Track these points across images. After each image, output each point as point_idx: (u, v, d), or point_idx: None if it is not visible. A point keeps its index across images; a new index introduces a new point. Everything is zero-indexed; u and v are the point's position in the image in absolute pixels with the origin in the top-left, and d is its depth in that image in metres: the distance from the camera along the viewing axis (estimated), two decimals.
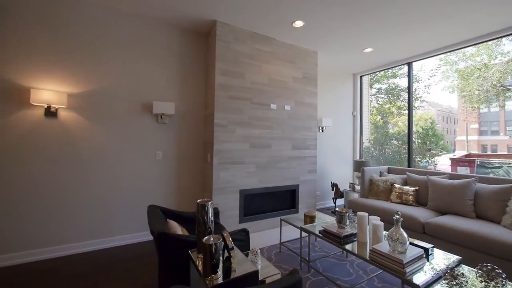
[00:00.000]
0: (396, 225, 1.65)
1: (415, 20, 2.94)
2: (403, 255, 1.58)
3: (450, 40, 3.44)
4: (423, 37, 3.37)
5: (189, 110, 3.27)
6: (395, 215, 1.67)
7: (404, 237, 1.60)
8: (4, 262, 2.27)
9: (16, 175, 2.35)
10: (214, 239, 1.33)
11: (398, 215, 1.67)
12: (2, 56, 2.31)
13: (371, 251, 1.71)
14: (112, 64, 2.80)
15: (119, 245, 2.77)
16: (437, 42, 3.52)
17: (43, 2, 2.46)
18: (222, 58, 3.03)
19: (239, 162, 3.14)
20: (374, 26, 3.10)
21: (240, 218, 3.13)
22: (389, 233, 1.66)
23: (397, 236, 1.60)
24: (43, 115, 2.46)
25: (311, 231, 2.23)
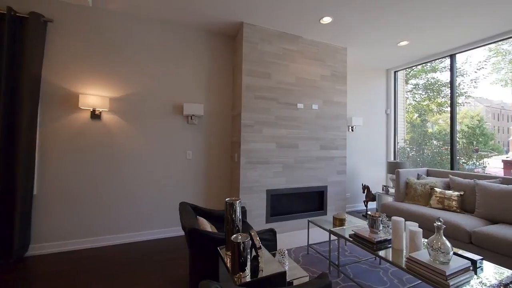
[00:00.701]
0: (437, 232, 1.51)
1: (459, 7, 2.66)
2: (446, 266, 1.44)
3: (502, 27, 3.06)
4: (470, 25, 3.04)
5: (217, 111, 3.37)
6: (436, 222, 1.53)
7: (447, 246, 1.46)
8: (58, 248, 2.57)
9: (68, 171, 2.64)
10: (242, 237, 1.35)
11: (440, 222, 1.52)
12: (56, 67, 2.61)
13: (408, 259, 1.59)
14: (147, 70, 3.00)
15: (154, 238, 2.95)
16: (486, 30, 3.15)
17: (86, 18, 2.73)
18: (249, 59, 3.07)
19: (266, 162, 3.14)
20: (411, 17, 2.88)
21: (267, 218, 3.13)
22: (429, 241, 1.52)
23: (439, 245, 1.47)
24: (89, 118, 2.73)
25: (340, 235, 2.15)
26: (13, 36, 2.37)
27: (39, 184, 2.53)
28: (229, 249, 1.49)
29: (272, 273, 1.31)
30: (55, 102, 2.60)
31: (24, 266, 2.27)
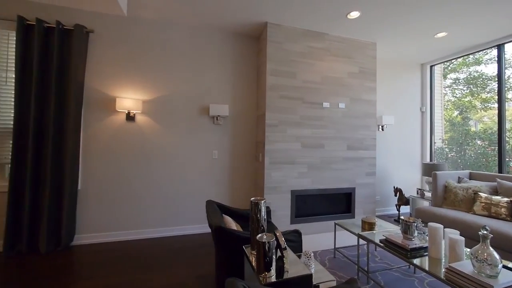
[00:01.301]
0: (483, 242, 1.37)
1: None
2: (494, 280, 1.30)
3: None
4: None
5: (242, 111, 3.41)
6: (481, 230, 1.39)
7: (495, 258, 1.31)
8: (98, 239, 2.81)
9: (107, 169, 2.87)
10: (267, 237, 1.35)
11: (486, 231, 1.38)
12: (96, 73, 2.85)
13: (448, 270, 1.46)
14: (176, 73, 3.14)
15: (182, 234, 3.08)
16: None
17: (122, 27, 2.94)
18: (273, 58, 3.06)
19: (291, 162, 3.11)
20: (450, 4, 2.64)
21: (292, 218, 3.09)
22: (472, 251, 1.39)
23: (485, 256, 1.33)
24: (125, 119, 2.94)
25: (370, 239, 2.04)
26: (61, 47, 2.64)
27: (83, 180, 2.79)
28: (254, 248, 1.50)
29: (297, 275, 1.29)
30: (96, 106, 2.85)
31: (70, 253, 2.51)
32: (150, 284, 2.01)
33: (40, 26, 2.54)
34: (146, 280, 2.07)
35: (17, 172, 2.48)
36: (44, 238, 2.50)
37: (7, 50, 2.62)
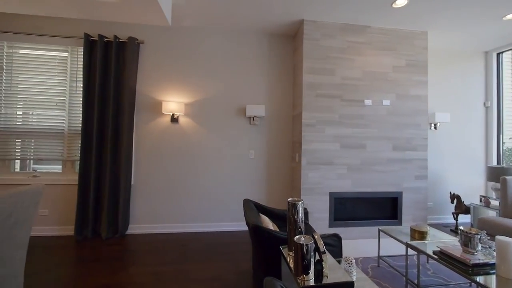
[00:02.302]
0: None
1: None
2: None
3: None
4: None
5: (278, 111, 3.41)
6: None
7: None
8: (148, 230, 3.10)
9: (155, 166, 3.15)
10: (305, 239, 1.32)
11: None
12: (146, 80, 3.15)
13: None
14: (214, 76, 3.28)
15: (221, 230, 3.21)
16: None
17: (167, 36, 3.19)
18: (309, 56, 2.99)
19: (329, 163, 2.99)
20: None
21: (330, 222, 2.97)
22: None
23: None
24: (169, 121, 3.18)
25: (421, 250, 1.84)
26: (117, 57, 2.99)
27: (135, 176, 3.10)
28: (292, 249, 1.48)
29: (338, 281, 1.23)
30: (145, 109, 3.15)
31: (125, 241, 2.83)
32: (191, 275, 2.15)
33: (102, 40, 2.91)
34: (187, 271, 2.21)
35: (84, 168, 2.89)
36: (105, 226, 2.86)
37: (76, 63, 3.07)
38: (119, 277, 2.09)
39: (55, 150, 3.00)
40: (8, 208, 1.23)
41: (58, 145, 3.01)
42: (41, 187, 1.45)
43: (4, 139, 2.92)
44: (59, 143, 3.01)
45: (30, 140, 2.98)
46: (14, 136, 2.94)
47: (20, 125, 2.97)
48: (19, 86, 2.97)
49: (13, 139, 2.94)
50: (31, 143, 2.98)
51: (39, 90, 2.99)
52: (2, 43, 2.93)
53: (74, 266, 2.26)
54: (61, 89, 3.02)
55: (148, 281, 2.04)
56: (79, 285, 1.96)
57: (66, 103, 3.02)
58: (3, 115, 2.93)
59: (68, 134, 3.02)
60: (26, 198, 1.33)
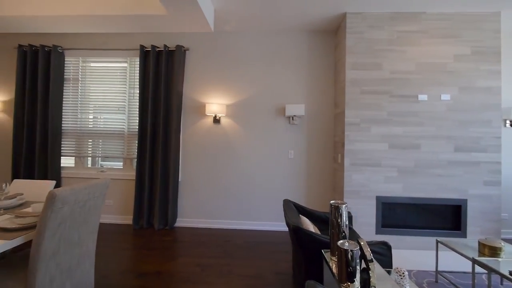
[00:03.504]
0: None
1: None
2: None
3: None
4: None
5: (318, 110, 3.30)
6: None
7: None
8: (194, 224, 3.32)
9: (200, 164, 3.36)
10: (349, 245, 1.25)
11: None
12: (191, 83, 3.38)
13: None
14: (254, 77, 3.34)
15: (261, 229, 3.26)
16: None
17: (209, 41, 3.36)
18: (353, 51, 2.81)
19: (376, 164, 2.77)
20: None
21: (377, 228, 2.75)
22: None
23: None
24: (212, 122, 3.36)
25: (494, 269, 1.57)
26: (167, 64, 3.27)
27: (182, 173, 3.36)
28: (335, 254, 1.42)
29: None
30: (191, 111, 3.38)
31: (173, 233, 3.08)
32: (233, 270, 2.22)
33: (154, 50, 3.23)
34: (229, 266, 2.30)
35: (140, 165, 3.24)
36: (157, 218, 3.16)
37: (134, 72, 3.46)
38: (168, 266, 2.29)
39: (117, 149, 3.44)
40: (84, 198, 1.45)
41: (120, 144, 3.44)
42: (108, 181, 1.68)
43: (80, 140, 3.47)
44: (120, 142, 3.44)
45: (98, 140, 3.47)
46: (87, 137, 3.47)
47: (91, 127, 3.49)
48: (91, 94, 3.48)
49: (86, 139, 3.47)
50: (99, 143, 3.47)
51: (105, 97, 3.46)
52: (78, 59, 3.48)
53: (131, 251, 2.56)
54: (122, 95, 3.44)
55: (194, 272, 2.19)
56: (136, 269, 2.21)
57: (126, 108, 3.44)
58: (79, 119, 3.48)
59: (128, 135, 3.43)
60: (96, 190, 1.56)
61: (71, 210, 1.37)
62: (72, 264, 1.46)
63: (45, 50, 3.31)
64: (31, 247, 1.24)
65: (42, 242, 1.24)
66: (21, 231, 1.34)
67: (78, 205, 1.42)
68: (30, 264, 1.24)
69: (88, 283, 1.61)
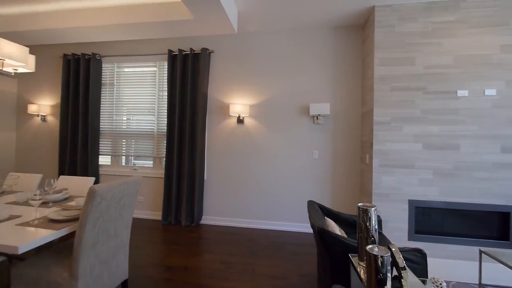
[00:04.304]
0: None
1: None
2: None
3: None
4: None
5: (344, 109, 3.18)
6: None
7: None
8: (219, 222, 3.41)
9: (224, 164, 3.44)
10: (379, 250, 1.19)
11: None
12: (215, 85, 3.46)
13: None
14: (278, 77, 3.33)
15: (284, 230, 3.24)
16: None
17: (233, 43, 3.42)
18: (382, 46, 2.67)
19: (408, 166, 2.59)
20: None
21: (410, 234, 2.58)
22: None
23: None
24: (236, 122, 3.41)
25: None
26: (193, 67, 3.39)
27: (208, 172, 3.46)
28: (363, 259, 1.36)
29: None
30: (215, 112, 3.46)
31: (199, 230, 3.19)
32: (257, 270, 2.24)
33: (181, 54, 3.36)
34: (253, 265, 2.31)
35: (169, 164, 3.40)
36: (184, 215, 3.29)
37: (162, 75, 3.64)
38: (194, 261, 2.37)
39: (148, 148, 3.65)
40: (119, 194, 1.56)
41: (150, 144, 3.64)
42: (140, 179, 1.79)
43: (115, 140, 3.74)
44: (150, 142, 3.64)
45: (131, 140, 3.71)
46: (121, 137, 3.73)
47: (125, 128, 3.74)
48: (124, 97, 3.74)
49: (120, 139, 3.73)
50: (131, 143, 3.71)
51: (136, 99, 3.69)
52: (113, 65, 3.75)
53: (161, 245, 2.70)
54: (151, 98, 3.64)
55: (219, 269, 2.24)
56: (165, 262, 2.33)
57: (155, 109, 3.63)
58: (114, 121, 3.75)
59: (157, 135, 3.62)
60: (130, 187, 1.67)
61: (108, 205, 1.49)
62: (109, 255, 1.58)
63: (86, 58, 3.63)
64: (75, 238, 1.37)
65: (83, 233, 1.36)
66: (66, 223, 1.48)
67: (114, 201, 1.53)
68: (74, 253, 1.36)
69: (122, 273, 1.73)
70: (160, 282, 2.02)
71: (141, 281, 2.02)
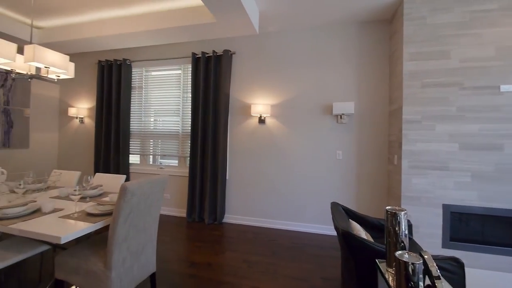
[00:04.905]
0: None
1: None
2: None
3: None
4: None
5: (370, 107, 3.04)
6: None
7: None
8: (241, 221, 3.45)
9: (246, 163, 3.47)
10: (410, 257, 1.12)
11: None
12: (237, 85, 3.51)
13: None
14: (299, 76, 3.28)
15: (305, 231, 3.19)
16: None
17: (254, 43, 3.43)
18: (412, 40, 2.51)
19: (442, 167, 2.41)
20: None
21: (444, 241, 2.39)
22: None
23: None
24: (257, 122, 3.43)
25: None
26: (215, 69, 3.47)
27: (230, 171, 3.52)
28: (392, 266, 1.29)
29: None
30: (237, 112, 3.51)
31: (222, 228, 3.25)
32: (279, 270, 2.23)
33: (204, 56, 3.46)
34: (274, 265, 2.31)
35: (193, 163, 3.52)
36: (207, 213, 3.38)
37: (187, 78, 3.77)
38: (217, 258, 2.43)
39: (173, 148, 3.81)
40: (148, 191, 1.65)
41: (175, 144, 3.80)
42: (166, 177, 1.87)
43: (144, 140, 3.96)
44: (175, 142, 3.79)
45: (157, 140, 3.90)
46: (149, 138, 3.93)
47: (152, 129, 3.94)
48: (151, 99, 3.93)
49: (148, 139, 3.94)
50: (158, 142, 3.90)
51: (162, 101, 3.87)
52: (142, 69, 3.97)
53: (185, 241, 2.80)
54: (176, 99, 3.79)
55: (241, 267, 2.27)
56: (189, 258, 2.41)
57: (180, 110, 3.78)
58: (142, 122, 3.97)
59: (182, 135, 3.76)
60: (157, 184, 1.75)
61: (138, 201, 1.58)
62: (138, 248, 1.68)
63: (117, 64, 3.88)
64: (109, 231, 1.47)
65: (116, 227, 1.46)
66: (101, 217, 1.60)
67: (143, 197, 1.62)
68: (108, 245, 1.46)
69: (151, 266, 1.82)
70: (185, 277, 2.10)
71: (168, 275, 2.12)
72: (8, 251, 1.66)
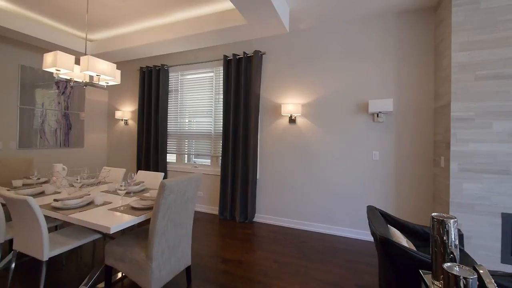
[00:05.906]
0: None
1: None
2: None
3: None
4: None
5: (411, 104, 2.80)
6: None
7: None
8: (271, 221, 3.46)
9: (276, 163, 3.47)
10: (462, 270, 1.00)
11: None
12: (267, 85, 3.51)
13: None
14: (332, 74, 3.16)
15: (339, 235, 3.06)
16: None
17: (285, 42, 3.40)
18: (462, 28, 2.24)
19: (502, 171, 2.11)
20: None
21: (504, 255, 2.10)
22: None
23: None
24: (288, 122, 3.39)
25: None
26: (246, 69, 3.52)
27: (260, 171, 3.55)
28: (439, 279, 1.17)
29: None
30: (267, 112, 3.52)
31: (253, 227, 3.29)
32: (310, 273, 2.18)
33: (235, 58, 3.54)
34: (305, 267, 2.26)
35: (224, 163, 3.62)
36: (238, 212, 3.46)
37: (219, 80, 3.90)
38: (248, 257, 2.46)
39: (206, 148, 3.97)
40: (184, 188, 1.74)
41: (208, 144, 3.95)
42: (200, 175, 1.96)
43: (179, 140, 4.20)
44: (208, 142, 3.95)
45: (192, 140, 4.10)
46: (184, 138, 4.16)
47: (187, 129, 4.16)
48: (186, 101, 4.15)
49: (183, 139, 4.17)
50: (192, 142, 4.10)
51: (196, 103, 4.06)
52: (177, 73, 4.21)
53: (218, 238, 2.89)
54: (209, 101, 3.95)
55: (272, 267, 2.27)
56: (221, 254, 2.49)
57: (212, 112, 3.92)
58: (178, 123, 4.22)
59: (214, 136, 3.90)
60: (192, 182, 1.84)
61: (175, 198, 1.68)
62: (175, 242, 1.79)
63: (156, 69, 4.18)
64: (150, 224, 1.59)
65: (156, 221, 1.57)
66: (143, 211, 1.74)
67: (180, 194, 1.72)
68: (149, 237, 1.59)
69: (186, 259, 1.93)
70: (218, 272, 2.17)
71: (202, 269, 2.21)
72: (69, 237, 1.90)
